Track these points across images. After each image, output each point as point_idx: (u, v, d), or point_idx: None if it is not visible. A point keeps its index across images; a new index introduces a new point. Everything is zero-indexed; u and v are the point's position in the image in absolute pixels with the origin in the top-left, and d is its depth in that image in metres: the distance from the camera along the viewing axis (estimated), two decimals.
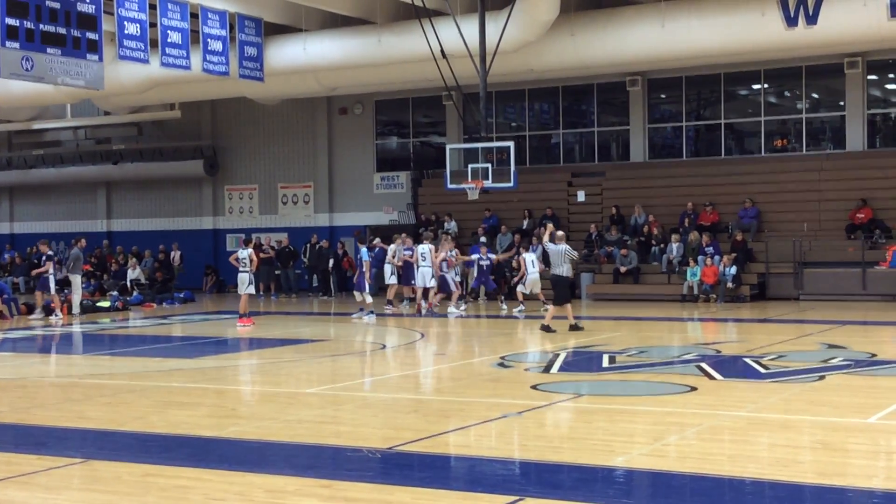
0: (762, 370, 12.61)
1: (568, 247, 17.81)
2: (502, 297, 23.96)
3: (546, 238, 18.01)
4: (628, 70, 27.31)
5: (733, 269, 24.32)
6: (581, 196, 28.99)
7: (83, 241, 24.95)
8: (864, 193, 25.49)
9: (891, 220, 25.12)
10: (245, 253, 20.24)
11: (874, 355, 14.02)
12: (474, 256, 23.95)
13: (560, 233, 18.28)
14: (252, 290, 20.43)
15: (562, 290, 17.75)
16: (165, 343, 18.53)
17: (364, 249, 21.74)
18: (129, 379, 13.07)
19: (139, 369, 14.03)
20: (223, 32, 23.60)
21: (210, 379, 13.32)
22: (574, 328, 17.53)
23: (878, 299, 23.71)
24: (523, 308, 22.09)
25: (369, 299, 21.14)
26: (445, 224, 28.80)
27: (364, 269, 21.30)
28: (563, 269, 17.55)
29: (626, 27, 23.90)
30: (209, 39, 23.28)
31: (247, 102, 31.50)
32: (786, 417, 9.52)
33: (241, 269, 20.13)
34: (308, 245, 30.00)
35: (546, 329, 17.54)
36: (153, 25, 22.26)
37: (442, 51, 23.02)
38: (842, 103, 26.91)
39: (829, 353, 14.27)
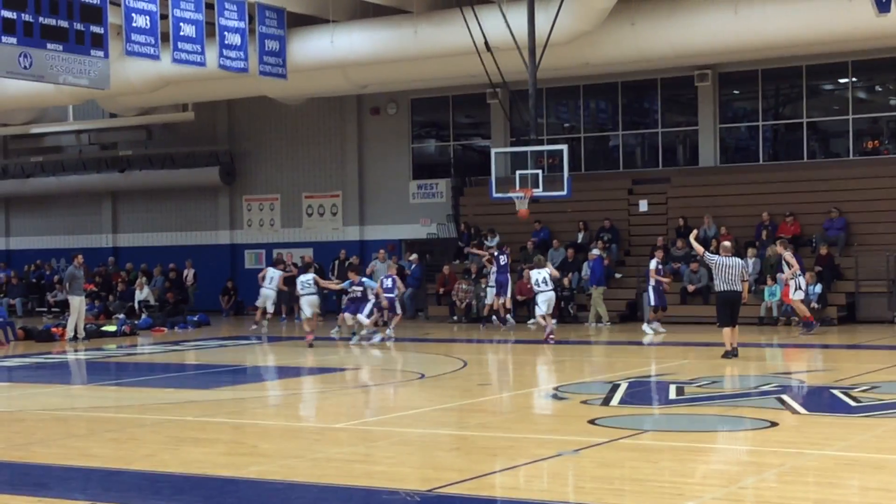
0: (852, 403, 12.49)
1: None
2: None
3: (723, 252, 17.84)
4: (697, 63, 27.21)
5: (818, 288, 24.11)
6: (643, 205, 28.88)
7: (80, 257, 25.18)
8: None
9: None
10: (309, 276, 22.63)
11: None
12: None
13: (727, 243, 18.31)
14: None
15: (735, 309, 17.58)
16: (178, 372, 18.68)
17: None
18: (137, 412, 13.19)
19: (149, 401, 14.15)
20: (242, 24, 23.82)
21: (228, 412, 13.38)
22: (735, 354, 17.27)
23: None
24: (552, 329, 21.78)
25: (366, 321, 22.28)
26: (487, 241, 28.74)
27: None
28: (739, 286, 17.49)
29: (694, 14, 23.83)
30: (226, 32, 23.50)
31: (268, 102, 31.74)
32: (879, 457, 9.42)
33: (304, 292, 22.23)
34: (336, 262, 30.10)
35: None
36: (164, 17, 22.49)
37: (486, 43, 23.07)
38: None
39: None
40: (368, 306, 22.38)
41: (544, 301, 21.88)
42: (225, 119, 34.51)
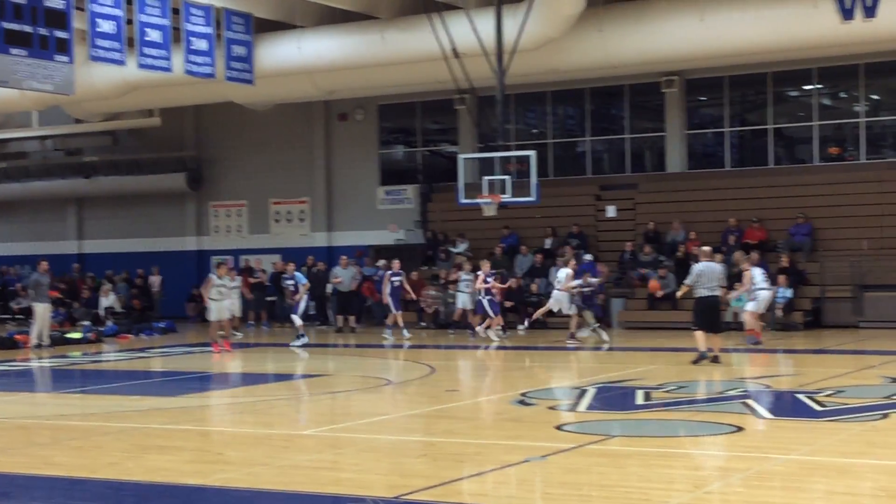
0: (817, 408, 12.57)
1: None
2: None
3: (703, 256, 17.83)
4: (664, 69, 27.34)
5: (788, 293, 24.26)
6: (611, 211, 29.00)
7: (45, 263, 25.00)
8: None
9: None
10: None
11: None
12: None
13: (706, 248, 18.33)
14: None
15: (715, 314, 17.61)
16: (143, 379, 18.56)
17: (298, 274, 23.74)
18: (102, 420, 13.08)
19: (114, 409, 14.05)
20: (208, 30, 23.76)
21: (194, 420, 13.31)
22: (705, 358, 17.29)
23: None
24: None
25: (299, 322, 22.80)
26: (455, 245, 28.81)
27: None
28: (718, 291, 17.52)
29: (661, 21, 23.96)
30: (192, 38, 23.43)
31: (235, 108, 31.63)
32: (844, 461, 9.48)
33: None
34: (304, 268, 29.98)
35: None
36: (130, 23, 22.40)
37: (454, 49, 23.11)
38: None
39: (893, 388, 14.21)
40: (302, 305, 22.80)
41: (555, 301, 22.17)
42: (192, 125, 34.38)
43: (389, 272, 24.60)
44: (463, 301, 25.30)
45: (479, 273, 23.35)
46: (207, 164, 34.34)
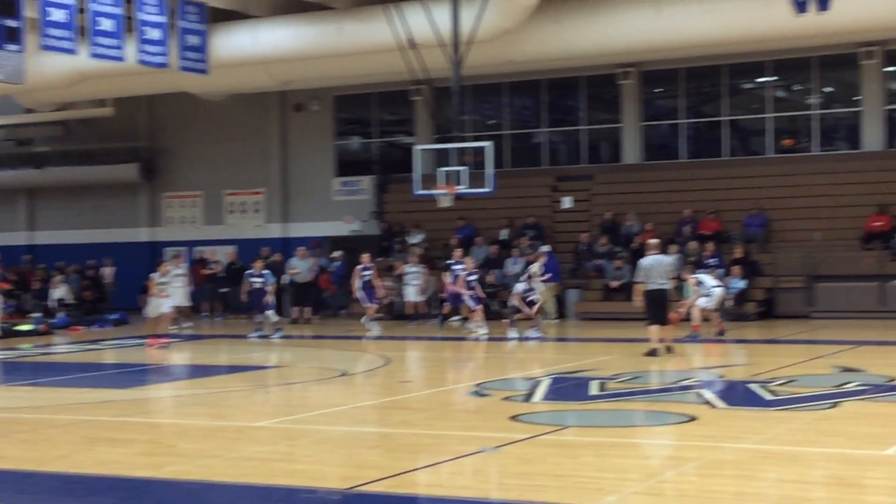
0: (769, 397, 12.67)
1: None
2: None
3: (649, 250, 17.79)
4: (620, 61, 27.45)
5: (742, 283, 24.43)
6: (567, 202, 29.08)
7: None
8: (883, 198, 25.72)
9: None
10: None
11: (893, 379, 14.11)
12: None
13: (653, 241, 18.31)
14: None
15: (664, 307, 17.57)
16: (95, 371, 18.39)
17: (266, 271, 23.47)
18: (52, 412, 12.95)
19: (64, 401, 13.92)
20: (162, 19, 23.56)
21: (146, 412, 13.21)
22: (658, 353, 17.27)
23: None
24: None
25: (273, 318, 22.76)
26: (410, 236, 28.79)
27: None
28: (667, 283, 17.50)
29: (618, 13, 24.04)
30: (146, 27, 23.23)
31: (189, 99, 31.41)
32: (795, 450, 9.57)
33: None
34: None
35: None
36: (82, 11, 22.17)
37: (410, 40, 23.07)
38: (857, 98, 27.16)
39: (844, 378, 14.35)
40: (273, 302, 22.83)
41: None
42: (145, 115, 34.11)
43: (360, 266, 24.28)
44: (409, 293, 25.38)
45: (454, 266, 23.26)
46: (161, 154, 34.08)
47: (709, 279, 20.91)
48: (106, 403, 13.61)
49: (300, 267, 26.81)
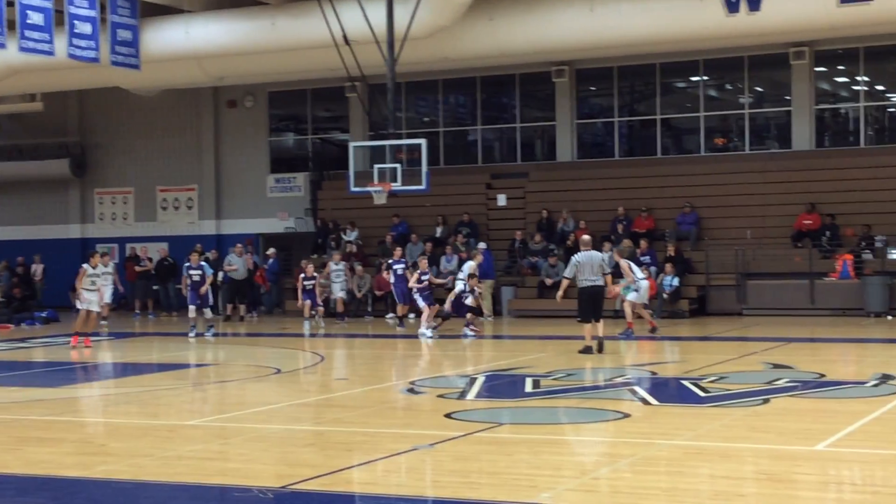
0: (701, 394, 12.80)
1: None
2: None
3: (582, 246, 17.75)
4: (554, 59, 27.59)
5: (676, 281, 24.67)
6: (502, 200, 29.18)
7: None
8: (813, 197, 26.11)
9: (841, 227, 25.74)
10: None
11: (822, 375, 14.33)
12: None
13: (586, 237, 18.31)
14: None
15: (597, 304, 17.56)
16: (24, 370, 18.14)
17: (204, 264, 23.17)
18: None
19: None
20: (93, 13, 23.25)
21: (76, 411, 13.05)
22: (593, 350, 17.33)
23: (826, 314, 24.28)
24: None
25: (209, 314, 22.54)
26: (346, 234, 28.71)
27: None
28: (600, 280, 17.47)
29: (551, 11, 24.14)
30: (76, 21, 22.91)
31: (120, 94, 31.04)
32: (727, 446, 9.67)
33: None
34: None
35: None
36: (11, 5, 21.83)
37: (344, 36, 22.98)
38: (788, 97, 27.55)
39: (774, 374, 14.53)
40: (210, 295, 22.68)
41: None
42: (76, 110, 33.68)
43: (302, 275, 23.91)
44: (336, 290, 25.39)
45: (395, 265, 23.26)
46: (92, 150, 33.66)
47: (637, 270, 21.07)
48: (35, 402, 13.42)
49: (237, 263, 26.61)
